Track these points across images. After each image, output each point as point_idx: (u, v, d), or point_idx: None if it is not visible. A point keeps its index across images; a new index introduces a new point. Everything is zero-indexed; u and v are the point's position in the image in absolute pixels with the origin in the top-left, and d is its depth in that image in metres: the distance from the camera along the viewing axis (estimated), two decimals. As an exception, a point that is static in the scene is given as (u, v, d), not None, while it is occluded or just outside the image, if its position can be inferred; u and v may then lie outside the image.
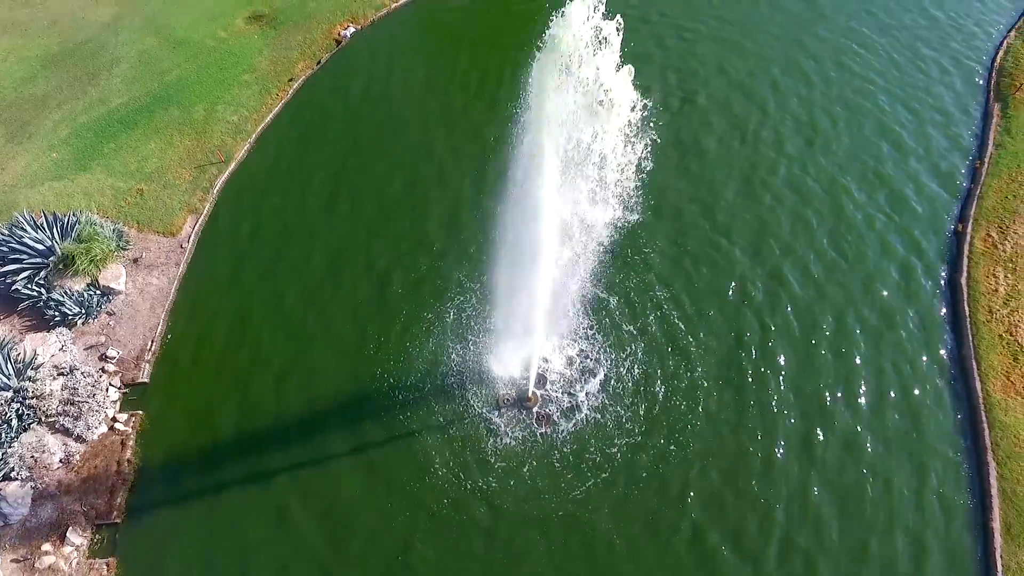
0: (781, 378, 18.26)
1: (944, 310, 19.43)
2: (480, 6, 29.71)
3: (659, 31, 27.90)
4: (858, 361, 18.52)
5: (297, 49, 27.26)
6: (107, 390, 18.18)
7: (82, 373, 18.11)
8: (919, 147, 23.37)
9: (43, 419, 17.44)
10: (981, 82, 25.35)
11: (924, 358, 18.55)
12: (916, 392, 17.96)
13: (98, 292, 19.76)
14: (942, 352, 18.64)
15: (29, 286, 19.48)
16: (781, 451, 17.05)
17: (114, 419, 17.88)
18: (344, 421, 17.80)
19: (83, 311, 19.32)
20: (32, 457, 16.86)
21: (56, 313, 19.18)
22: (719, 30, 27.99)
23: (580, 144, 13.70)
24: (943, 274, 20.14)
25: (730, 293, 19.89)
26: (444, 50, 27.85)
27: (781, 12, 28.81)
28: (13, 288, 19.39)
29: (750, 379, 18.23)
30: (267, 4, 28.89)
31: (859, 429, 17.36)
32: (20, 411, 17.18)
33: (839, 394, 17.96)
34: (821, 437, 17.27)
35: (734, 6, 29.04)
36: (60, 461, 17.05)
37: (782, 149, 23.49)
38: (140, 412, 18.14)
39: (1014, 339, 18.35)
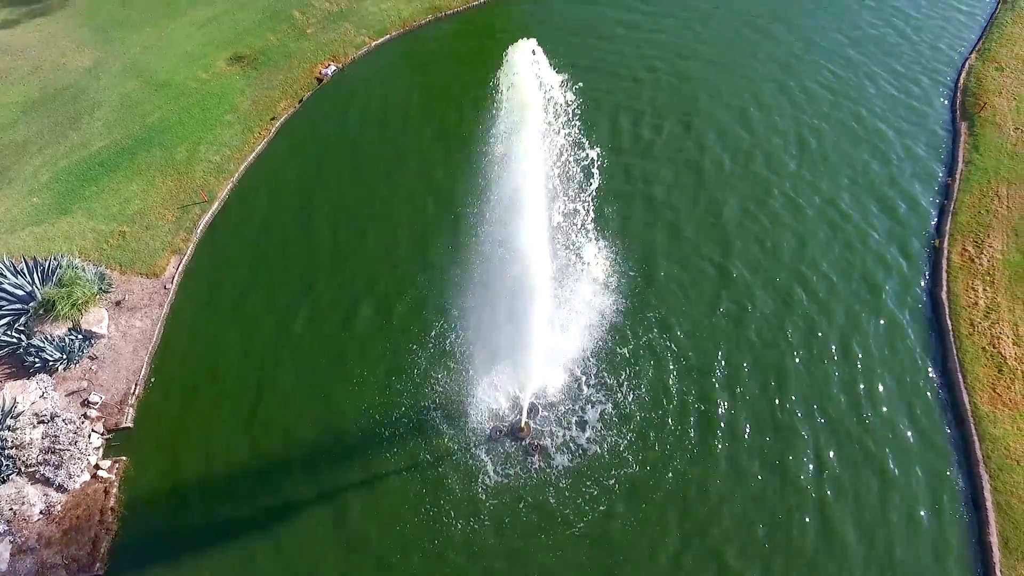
0: (769, 399, 18.29)
1: (927, 325, 19.68)
2: (460, 43, 30.26)
3: (647, 53, 28.75)
4: (846, 377, 18.62)
5: (279, 88, 27.53)
6: (89, 436, 17.76)
7: (63, 420, 17.70)
8: (895, 165, 23.93)
9: (23, 469, 16.95)
10: (947, 102, 26.16)
11: (910, 373, 18.68)
12: (905, 407, 18.04)
13: (80, 336, 19.44)
14: (928, 367, 18.80)
15: (9, 333, 19.14)
16: (768, 469, 16.99)
17: (97, 466, 17.43)
18: (336, 461, 17.48)
19: (64, 356, 18.97)
20: (11, 510, 16.33)
21: (36, 359, 18.82)
22: (704, 55, 28.76)
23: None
24: (924, 289, 20.46)
25: (719, 308, 20.01)
26: (425, 86, 28.24)
27: (761, 38, 29.66)
28: (-8, 336, 19.05)
29: (736, 398, 18.27)
30: (248, 45, 29.24)
31: (851, 444, 17.37)
32: (-2, 462, 16.72)
33: (829, 410, 18.00)
34: (809, 453, 17.25)
35: (717, 34, 29.90)
36: (40, 512, 16.53)
37: (772, 169, 23.96)
38: (124, 458, 17.71)
39: (997, 351, 18.59)
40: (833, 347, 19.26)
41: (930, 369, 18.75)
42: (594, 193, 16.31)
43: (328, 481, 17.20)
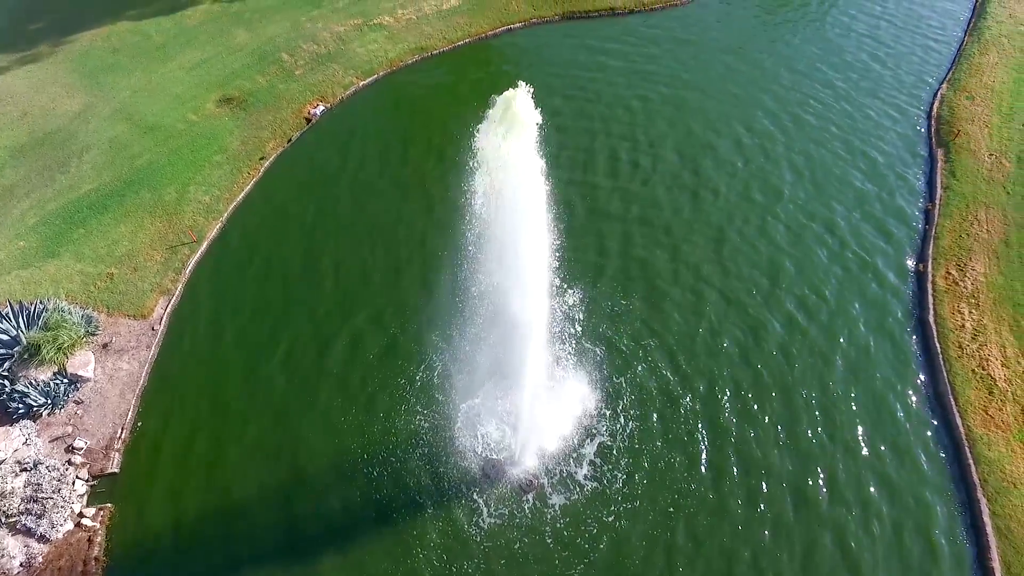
0: (762, 428, 18.23)
1: (916, 349, 19.83)
2: (447, 81, 30.80)
3: (636, 84, 29.41)
4: (838, 403, 18.63)
5: (268, 129, 27.80)
6: (73, 483, 17.31)
7: (47, 467, 17.27)
8: (879, 191, 24.39)
9: (3, 520, 16.45)
10: (923, 130, 26.86)
11: (902, 398, 18.76)
12: (899, 432, 18.06)
13: (65, 380, 19.12)
14: (920, 391, 18.89)
15: (-8, 379, 18.80)
16: (765, 504, 16.84)
17: (80, 514, 16.95)
18: (326, 508, 17.11)
19: (49, 401, 18.62)
20: (-10, 563, 15.80)
21: (20, 405, 18.44)
22: (691, 85, 29.44)
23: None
24: (912, 313, 20.67)
25: (714, 333, 20.08)
26: (412, 125, 28.63)
27: (739, 71, 30.43)
28: (-26, 382, 18.68)
29: (730, 425, 18.18)
30: (237, 87, 29.60)
31: (846, 470, 17.29)
32: (-22, 513, 16.22)
33: (824, 436, 17.95)
34: (809, 481, 17.14)
35: (694, 67, 30.65)
36: (21, 565, 15.99)
37: (753, 199, 24.34)
38: (109, 505, 17.25)
39: (987, 373, 18.72)
40: (823, 371, 19.32)
41: (922, 392, 18.83)
42: (585, 223, 16.45)
43: (326, 530, 16.82)
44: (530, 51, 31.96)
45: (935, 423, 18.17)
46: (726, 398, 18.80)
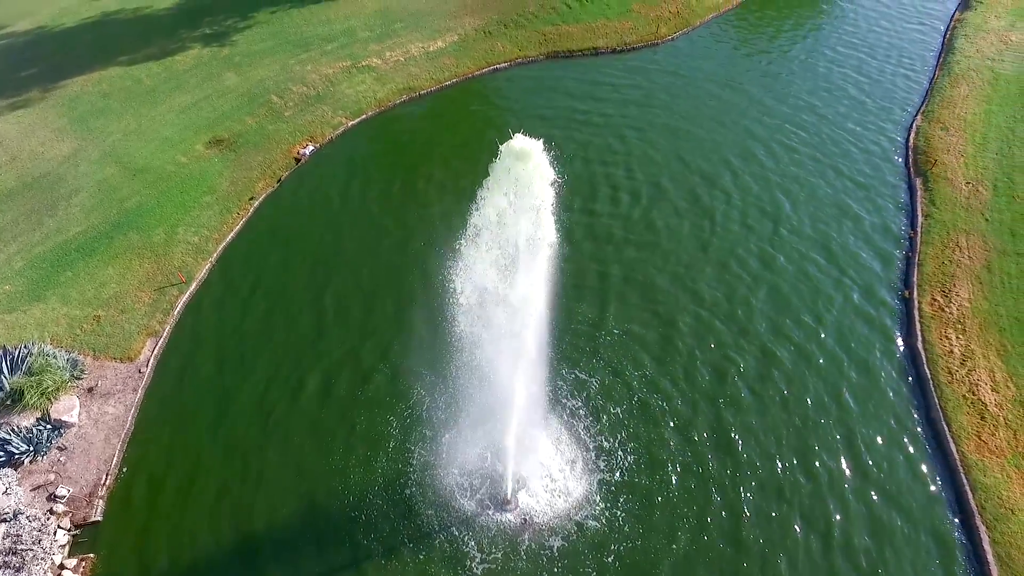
0: (757, 462, 18.13)
1: (907, 375, 19.91)
2: (435, 120, 31.32)
3: (619, 121, 29.97)
4: (833, 431, 18.58)
5: (257, 169, 28.00)
6: (55, 533, 16.77)
7: (27, 517, 16.75)
8: (863, 220, 24.83)
9: (-19, 574, 15.87)
10: (900, 160, 27.53)
11: (895, 424, 18.74)
12: (894, 460, 17.97)
13: (49, 426, 18.71)
14: (913, 418, 18.89)
15: (-28, 427, 18.36)
16: (767, 548, 16.62)
17: (62, 566, 16.38)
18: (316, 551, 16.66)
19: (31, 449, 18.18)
20: (-34, 620, 15.18)
21: (1, 453, 17.98)
22: (674, 121, 30.07)
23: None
24: (900, 339, 20.82)
25: (705, 364, 20.07)
26: (402, 163, 28.95)
27: (723, 103, 31.17)
28: (-46, 430, 18.24)
29: (720, 457, 18.07)
30: (227, 129, 29.89)
31: (841, 497, 17.15)
32: (-45, 568, 15.65)
33: (818, 465, 17.84)
34: (797, 513, 16.98)
35: (678, 99, 31.35)
36: (-2, 622, 15.38)
37: (747, 227, 24.71)
38: (91, 555, 16.70)
39: (977, 398, 18.79)
40: (816, 402, 19.31)
41: (914, 419, 18.83)
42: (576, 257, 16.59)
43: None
44: (516, 89, 32.65)
45: (929, 450, 18.13)
46: (708, 431, 18.70)
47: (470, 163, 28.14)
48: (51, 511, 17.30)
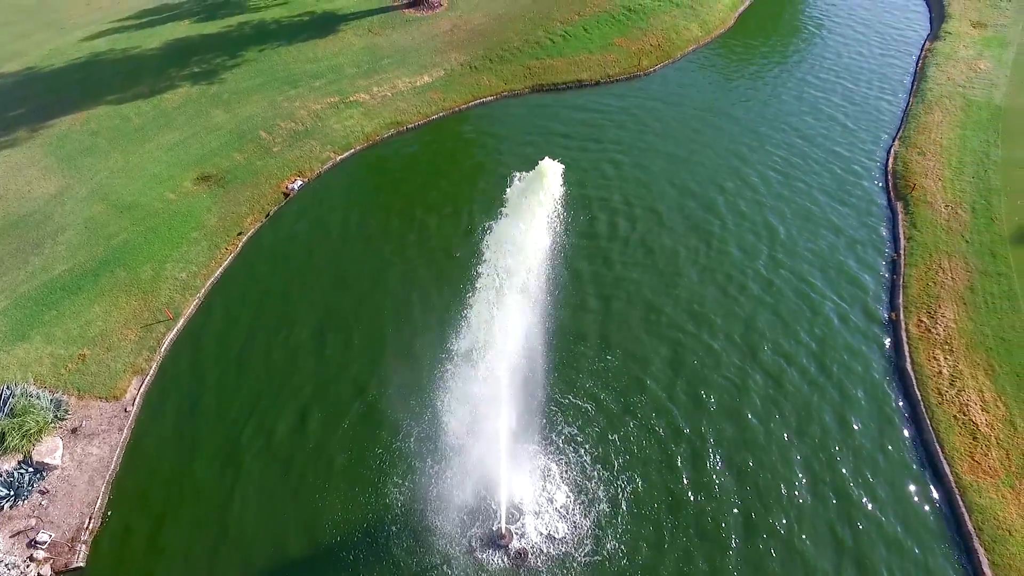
0: (749, 484, 18.01)
1: (898, 397, 19.98)
2: (422, 152, 31.63)
3: (608, 149, 30.40)
4: (827, 453, 18.54)
5: (246, 204, 28.04)
6: (35, 582, 16.25)
7: (5, 566, 16.23)
8: (849, 244, 25.20)
9: (-44, 627, 15.29)
10: (880, 184, 28.08)
11: (889, 447, 18.73)
12: (889, 483, 17.92)
13: (31, 469, 18.27)
14: (905, 439, 18.91)
15: (-49, 471, 17.89)
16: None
17: (42, 616, 15.84)
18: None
19: (12, 493, 17.70)
20: (-61, 676, 14.56)
21: (-20, 499, 17.51)
22: (662, 149, 30.55)
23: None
24: (890, 361, 20.94)
25: (701, 391, 20.04)
26: (389, 197, 29.14)
27: (708, 131, 31.71)
28: (-68, 476, 17.75)
29: (710, 486, 17.93)
30: (215, 165, 30.00)
31: (839, 520, 17.02)
32: (-71, 620, 15.07)
33: (815, 487, 17.74)
34: (803, 530, 16.81)
35: (664, 128, 31.86)
36: (-27, 677, 14.76)
37: (739, 251, 25.00)
38: (73, 604, 16.17)
39: (968, 418, 18.87)
40: (810, 425, 19.30)
41: (907, 440, 18.85)
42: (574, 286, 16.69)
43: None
44: (503, 121, 33.13)
45: (923, 471, 18.11)
46: (713, 455, 18.60)
47: (459, 194, 28.44)
48: (31, 558, 16.77)
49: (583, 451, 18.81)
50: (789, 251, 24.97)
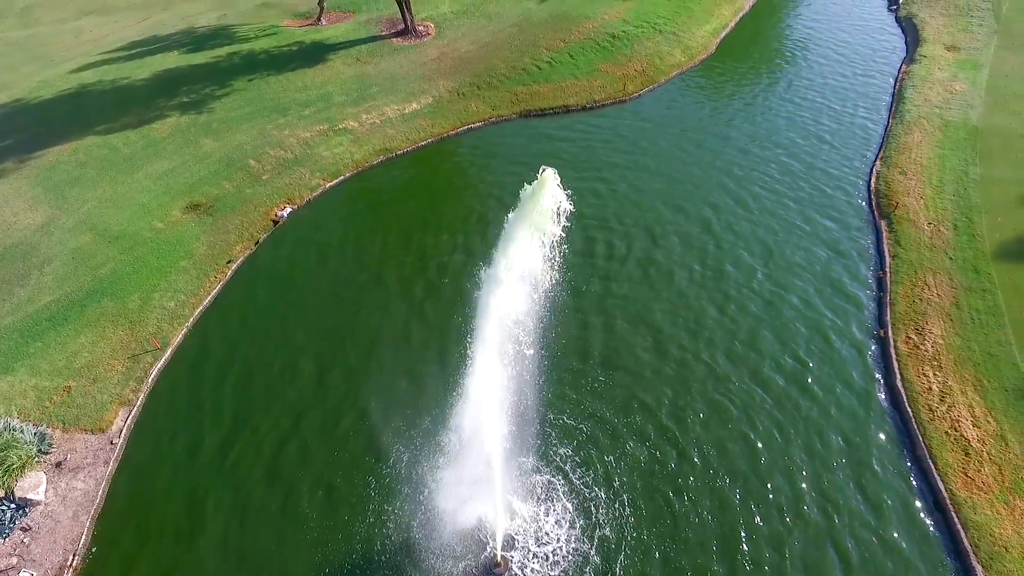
0: (745, 505, 17.91)
1: (889, 414, 20.04)
2: (412, 179, 31.82)
3: (598, 171, 30.79)
4: (820, 472, 18.49)
5: (235, 232, 27.99)
6: (16, 623, 15.77)
7: (-14, 607, 15.76)
8: (835, 262, 25.35)
9: (-67, 673, 14.76)
10: (864, 203, 28.51)
11: (883, 465, 18.71)
12: (884, 500, 17.86)
13: (12, 506, 17.86)
14: (899, 456, 18.91)
15: (-70, 510, 17.44)
16: (769, 584, 16.25)
17: (22, 659, 15.33)
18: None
19: (-7, 531, 17.27)
20: None
21: (-40, 538, 17.05)
22: (653, 168, 30.96)
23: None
24: (879, 378, 21.04)
25: (680, 408, 20.01)
26: (379, 223, 29.19)
27: (695, 153, 32.11)
28: (-89, 515, 17.29)
29: (706, 503, 17.81)
30: (204, 194, 29.99)
31: (836, 541, 16.92)
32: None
33: (810, 507, 17.66)
34: (798, 549, 16.68)
35: (652, 151, 32.25)
36: None
37: (730, 269, 25.21)
38: (55, 645, 15.68)
39: (960, 434, 18.93)
40: (803, 443, 19.28)
41: (901, 457, 18.85)
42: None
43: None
44: (492, 146, 33.45)
45: (918, 488, 18.08)
46: (696, 474, 18.51)
47: (449, 220, 28.55)
48: (13, 598, 16.31)
49: (577, 473, 18.68)
50: (780, 268, 25.13)
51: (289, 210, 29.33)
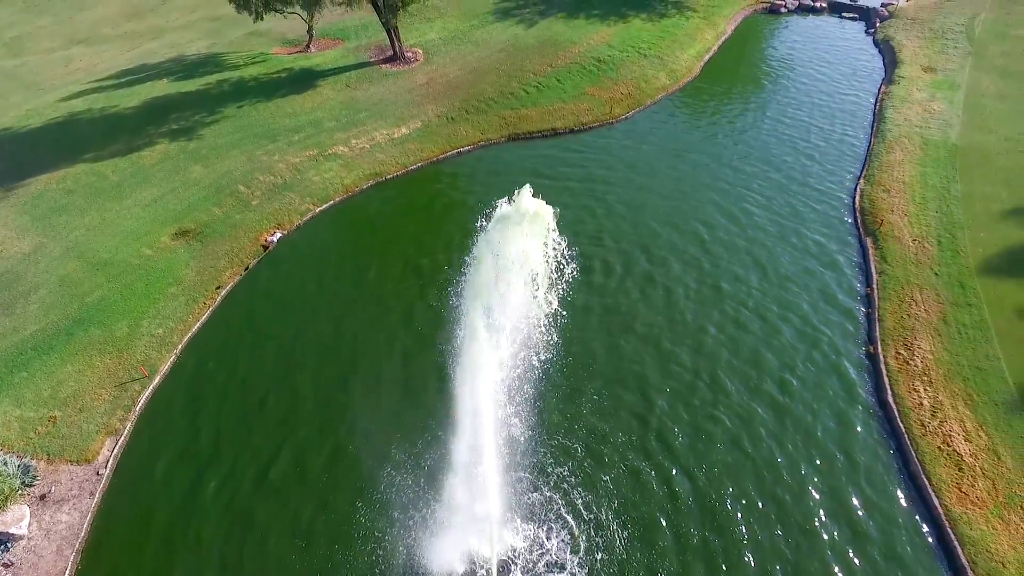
0: (740, 517, 17.79)
1: (882, 430, 20.06)
2: (402, 202, 31.87)
3: (592, 189, 30.97)
4: (815, 490, 18.44)
5: (224, 258, 27.87)
6: (-4, 664, 15.26)
7: (-34, 647, 15.26)
8: (824, 279, 25.62)
9: None
10: (849, 220, 28.89)
11: (877, 481, 18.68)
12: (879, 517, 17.80)
13: (-6, 542, 17.40)
14: (893, 472, 18.90)
15: (-91, 547, 16.96)
16: (768, 605, 16.07)
17: None
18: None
19: (-26, 568, 16.80)
20: None
21: (-60, 575, 16.57)
22: (645, 186, 31.27)
23: None
24: (870, 395, 21.11)
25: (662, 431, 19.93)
26: (370, 247, 29.20)
27: (683, 172, 32.53)
28: None
29: (704, 517, 17.68)
30: (194, 220, 29.89)
31: (833, 559, 16.80)
32: None
33: (807, 524, 17.56)
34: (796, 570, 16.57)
35: (641, 170, 32.54)
36: None
37: (722, 287, 25.33)
38: None
39: (952, 449, 18.97)
40: (797, 461, 19.23)
41: (895, 473, 18.84)
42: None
43: None
44: (481, 169, 33.73)
45: (913, 504, 18.05)
46: (692, 486, 18.40)
47: (439, 243, 28.58)
48: (-7, 637, 15.81)
49: (577, 491, 18.52)
50: (767, 288, 25.32)
51: (279, 235, 29.28)
